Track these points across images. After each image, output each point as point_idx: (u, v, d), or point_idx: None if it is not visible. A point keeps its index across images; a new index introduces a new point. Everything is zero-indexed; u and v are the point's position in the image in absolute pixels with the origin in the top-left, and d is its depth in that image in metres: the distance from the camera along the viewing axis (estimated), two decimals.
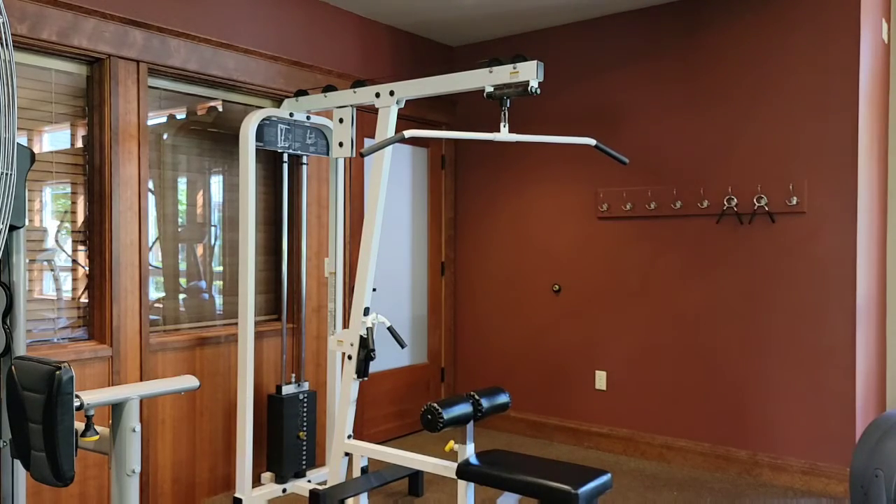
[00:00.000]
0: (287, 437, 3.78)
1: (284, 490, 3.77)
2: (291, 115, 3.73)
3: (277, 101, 4.14)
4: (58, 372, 1.88)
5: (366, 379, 3.29)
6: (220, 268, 3.97)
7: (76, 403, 1.98)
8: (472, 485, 2.88)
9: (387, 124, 3.27)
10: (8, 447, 2.44)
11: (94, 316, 3.38)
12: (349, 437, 3.33)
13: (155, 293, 3.67)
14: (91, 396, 2.08)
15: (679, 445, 4.39)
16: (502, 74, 2.98)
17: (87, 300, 3.40)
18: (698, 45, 4.34)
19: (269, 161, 4.14)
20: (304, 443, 3.87)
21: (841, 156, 3.88)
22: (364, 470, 3.79)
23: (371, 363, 4.78)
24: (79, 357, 3.21)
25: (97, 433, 2.11)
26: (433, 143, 5.28)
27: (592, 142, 3.11)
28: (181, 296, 3.80)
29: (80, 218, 3.37)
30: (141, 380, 3.44)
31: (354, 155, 3.57)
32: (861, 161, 3.87)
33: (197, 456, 3.73)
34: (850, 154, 3.84)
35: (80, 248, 3.38)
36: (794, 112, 4.01)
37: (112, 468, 2.13)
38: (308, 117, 3.82)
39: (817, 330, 3.94)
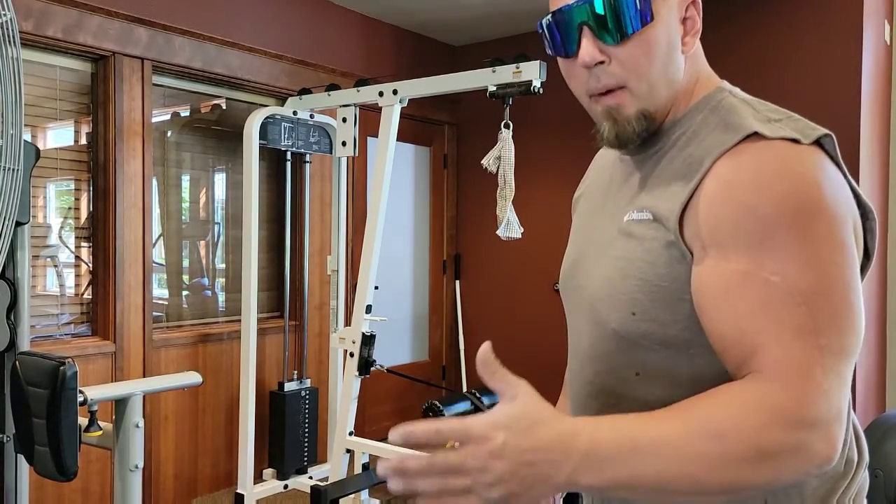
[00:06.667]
0: (289, 434, 3.79)
1: (286, 486, 3.78)
2: (295, 113, 3.74)
3: (281, 100, 4.15)
4: (62, 367, 1.90)
5: (367, 376, 3.31)
6: (223, 265, 3.99)
7: (80, 399, 2.00)
8: None
9: (390, 123, 3.28)
10: (12, 442, 2.45)
11: (98, 312, 3.40)
12: (350, 433, 3.34)
13: (158, 290, 3.68)
14: (95, 392, 2.09)
15: None
16: (505, 74, 2.99)
17: (90, 296, 3.41)
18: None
19: (273, 159, 4.15)
20: (306, 439, 3.88)
21: (843, 157, 3.87)
22: (365, 466, 3.80)
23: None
24: (82, 353, 3.23)
25: (100, 428, 2.13)
26: (436, 142, 5.28)
27: None
28: (184, 292, 3.81)
29: (84, 214, 3.39)
30: (144, 376, 3.46)
31: (357, 153, 3.58)
32: (863, 163, 3.87)
33: (199, 452, 3.75)
34: (852, 156, 3.84)
35: (84, 244, 3.39)
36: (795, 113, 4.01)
37: (115, 463, 2.15)
38: (311, 116, 3.83)
39: None
